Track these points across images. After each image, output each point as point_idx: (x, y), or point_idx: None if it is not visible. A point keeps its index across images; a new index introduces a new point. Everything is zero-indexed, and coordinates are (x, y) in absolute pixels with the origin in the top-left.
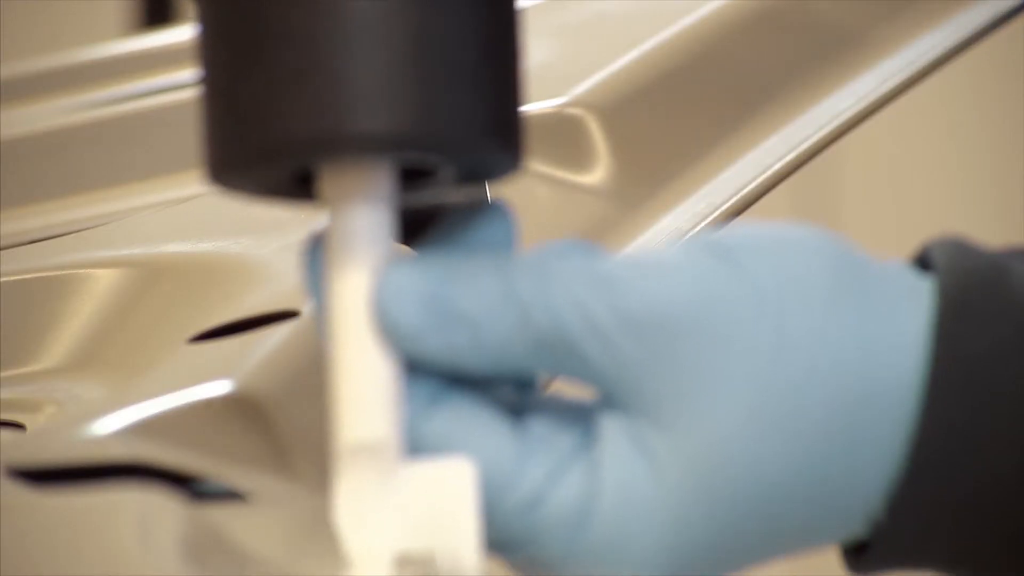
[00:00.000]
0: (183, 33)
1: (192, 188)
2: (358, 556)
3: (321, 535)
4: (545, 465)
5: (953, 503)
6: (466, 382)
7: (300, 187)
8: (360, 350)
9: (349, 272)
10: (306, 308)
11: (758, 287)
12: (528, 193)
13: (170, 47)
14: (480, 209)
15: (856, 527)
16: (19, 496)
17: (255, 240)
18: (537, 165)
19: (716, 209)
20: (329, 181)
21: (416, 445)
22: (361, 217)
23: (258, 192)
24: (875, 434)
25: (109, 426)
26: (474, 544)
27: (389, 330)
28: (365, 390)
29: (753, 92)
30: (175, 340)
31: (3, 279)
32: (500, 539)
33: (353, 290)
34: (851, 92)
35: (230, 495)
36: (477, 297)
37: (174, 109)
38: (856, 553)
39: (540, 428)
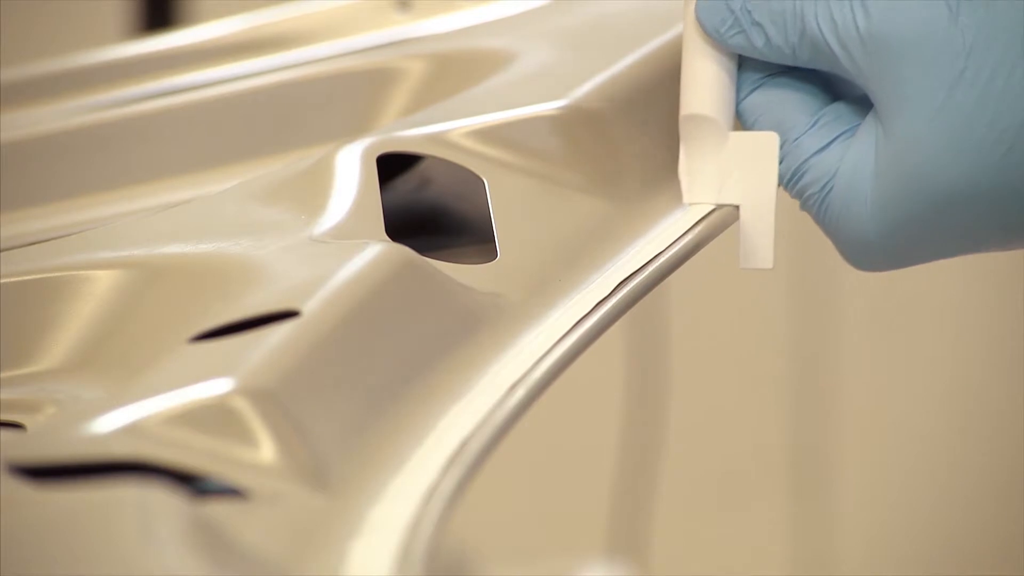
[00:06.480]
0: (184, 37)
1: (192, 191)
2: (692, 200)
3: (321, 535)
4: (817, 143)
5: None
6: (794, 73)
7: None
8: (695, 49)
9: None
10: (306, 308)
11: (962, 29)
12: (526, 192)
13: (171, 51)
14: None
15: None
16: (20, 493)
17: (255, 240)
18: (535, 165)
19: (718, 209)
20: None
21: (741, 119)
22: None
23: None
24: None
25: (110, 424)
26: (772, 200)
27: (705, 33)
28: (699, 78)
29: None
30: (175, 340)
31: (3, 280)
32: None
33: (693, 5)
34: None
35: (231, 493)
36: (770, 9)
37: (175, 112)
38: None
39: (830, 114)
